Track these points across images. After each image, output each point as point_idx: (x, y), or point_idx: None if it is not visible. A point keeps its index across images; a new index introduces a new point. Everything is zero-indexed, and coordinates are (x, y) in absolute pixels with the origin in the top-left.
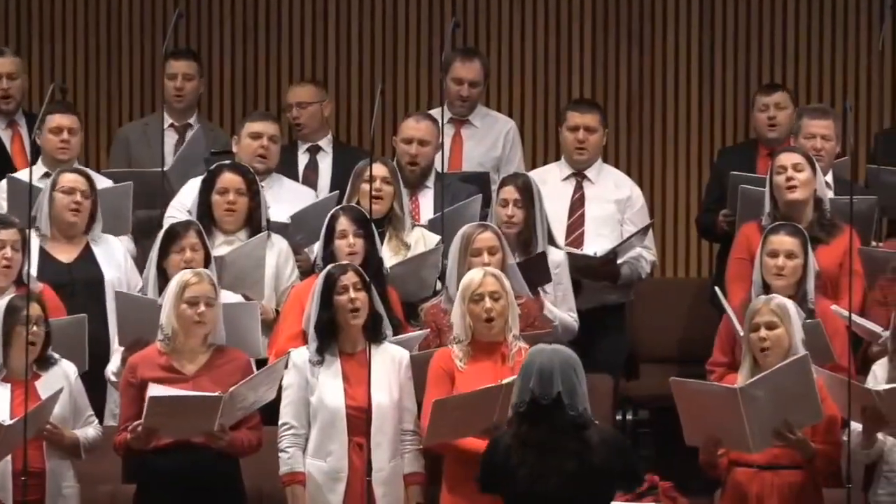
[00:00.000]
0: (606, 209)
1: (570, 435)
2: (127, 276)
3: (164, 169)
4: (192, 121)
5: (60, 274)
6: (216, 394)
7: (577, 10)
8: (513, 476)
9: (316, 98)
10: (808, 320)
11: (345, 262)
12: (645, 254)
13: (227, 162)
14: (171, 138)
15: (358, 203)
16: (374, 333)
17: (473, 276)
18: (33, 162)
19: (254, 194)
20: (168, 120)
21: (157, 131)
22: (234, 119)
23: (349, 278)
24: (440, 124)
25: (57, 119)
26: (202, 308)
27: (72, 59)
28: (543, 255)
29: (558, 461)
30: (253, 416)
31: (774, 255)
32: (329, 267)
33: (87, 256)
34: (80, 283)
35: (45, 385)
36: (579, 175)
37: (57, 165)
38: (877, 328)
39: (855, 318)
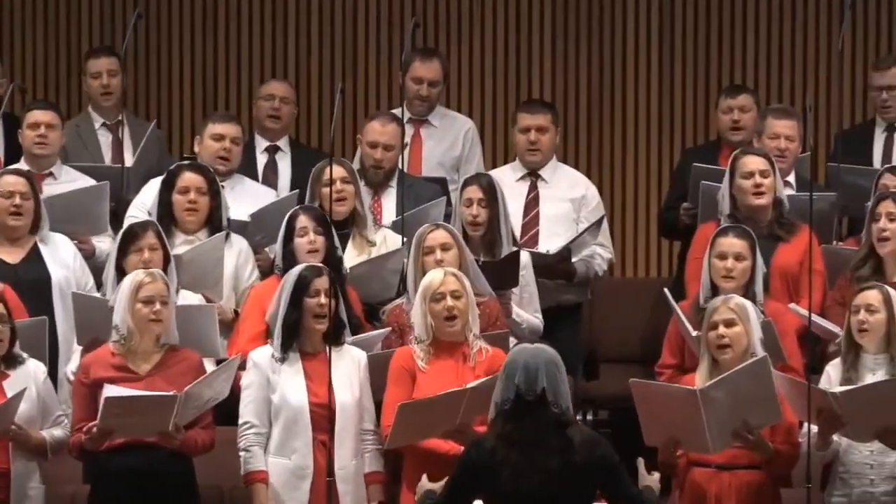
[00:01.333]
0: (561, 208)
1: (554, 432)
2: (76, 276)
3: (126, 166)
4: (122, 117)
5: (6, 275)
6: (172, 393)
7: (536, 10)
8: (496, 476)
9: (293, 98)
10: (760, 320)
11: (313, 262)
12: (601, 251)
13: (187, 161)
14: (105, 137)
15: (320, 206)
16: (333, 338)
17: (434, 275)
18: (16, 161)
19: (214, 194)
20: (99, 119)
21: (90, 132)
22: (194, 119)
23: (322, 283)
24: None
25: (35, 115)
26: (157, 307)
27: (31, 61)
28: (516, 254)
29: (542, 459)
30: (205, 415)
31: (723, 257)
32: (304, 267)
33: (34, 257)
34: (27, 284)
35: (13, 385)
36: (534, 175)
37: (36, 162)
38: (835, 328)
39: (813, 317)
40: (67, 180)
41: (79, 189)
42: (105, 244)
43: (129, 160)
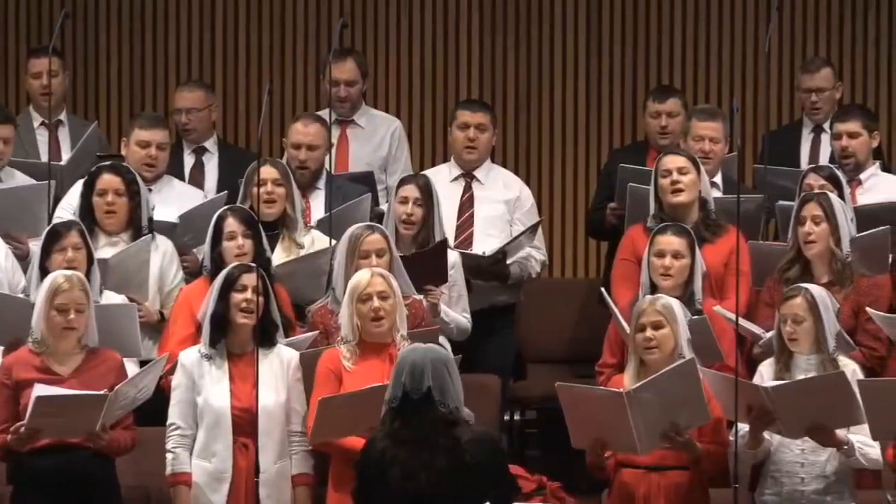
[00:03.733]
0: (496, 209)
1: (441, 431)
2: (7, 277)
3: (61, 163)
4: (62, 117)
5: None
6: (102, 392)
7: (464, 10)
8: (385, 475)
9: (205, 103)
10: (696, 317)
11: (245, 263)
12: (534, 253)
13: (107, 163)
14: (43, 136)
15: (251, 207)
16: (264, 339)
17: (361, 276)
18: None
19: (133, 194)
20: (38, 118)
21: (29, 130)
22: (122, 119)
23: (250, 280)
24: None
25: None
26: (71, 315)
27: None
28: (443, 245)
29: (429, 457)
30: (127, 416)
31: (661, 255)
32: (234, 265)
33: None
34: None
35: None
36: (468, 176)
37: None
38: (759, 330)
39: (738, 319)
40: (5, 177)
41: (18, 187)
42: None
43: (66, 160)
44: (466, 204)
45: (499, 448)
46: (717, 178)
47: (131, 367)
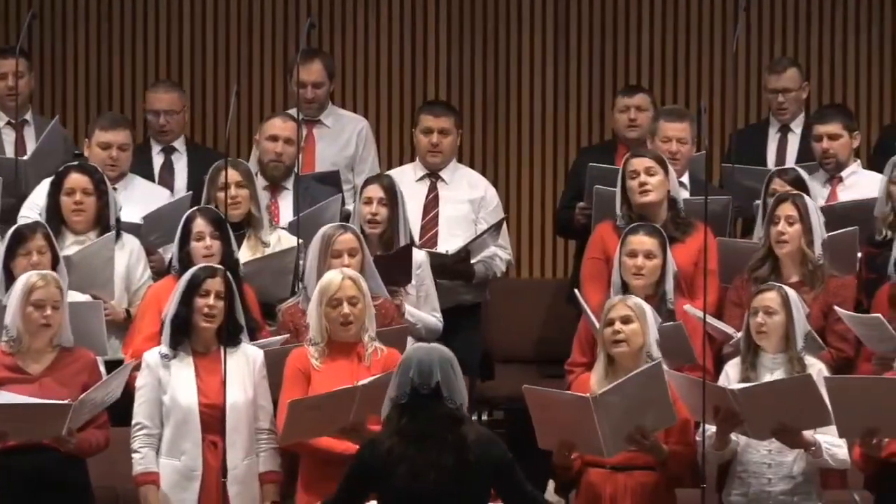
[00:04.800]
0: (460, 209)
1: (449, 427)
2: None
3: (25, 158)
4: (27, 117)
5: None
6: (65, 402)
7: (432, 10)
8: (392, 473)
9: (181, 105)
10: (670, 322)
11: (212, 265)
12: (500, 252)
13: (74, 162)
14: (9, 136)
15: (216, 209)
16: (228, 340)
17: (332, 279)
18: None
19: (101, 194)
20: (3, 118)
21: None
22: (89, 119)
23: (214, 284)
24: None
25: None
26: (48, 311)
27: None
28: (408, 248)
29: (437, 455)
30: (100, 415)
31: (633, 255)
32: (200, 267)
33: None
34: None
35: None
36: (433, 175)
37: None
38: (729, 329)
39: (708, 318)
40: None
41: None
42: None
43: (29, 153)
44: (431, 203)
45: (503, 449)
46: (685, 178)
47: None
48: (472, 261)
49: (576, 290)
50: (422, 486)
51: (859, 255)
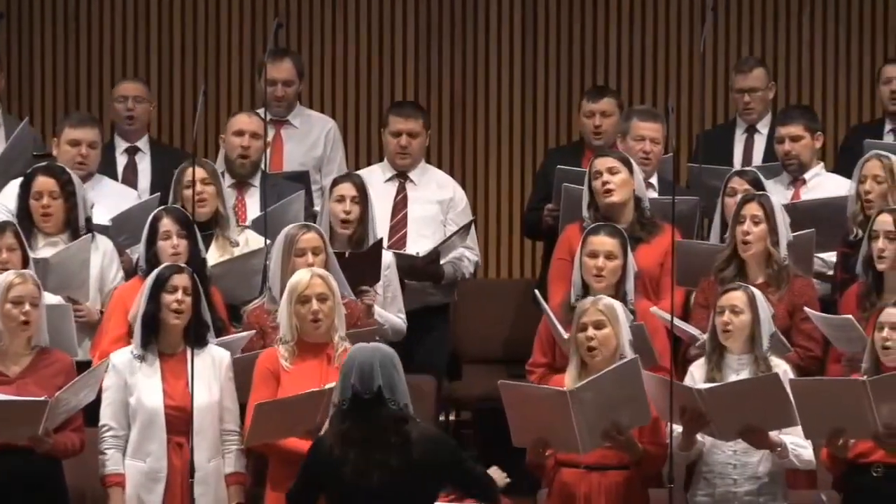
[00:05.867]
0: (429, 210)
1: (392, 429)
2: None
3: None
4: None
5: None
6: (42, 398)
7: (400, 10)
8: (337, 473)
9: (148, 96)
10: (631, 323)
11: (176, 263)
12: (468, 254)
13: (42, 164)
14: None
15: (182, 207)
16: (195, 339)
17: (301, 276)
18: None
19: (69, 195)
20: None
21: None
22: (56, 118)
23: (180, 280)
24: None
25: None
26: (27, 307)
27: None
28: (378, 245)
29: (381, 456)
30: (76, 417)
31: (594, 255)
32: (164, 265)
33: None
34: None
35: None
36: (402, 176)
37: None
38: (695, 331)
39: (674, 319)
40: None
41: None
42: None
43: None
44: (400, 204)
45: (450, 444)
46: (654, 179)
47: None
48: (441, 262)
49: (536, 292)
50: (366, 486)
51: (833, 256)
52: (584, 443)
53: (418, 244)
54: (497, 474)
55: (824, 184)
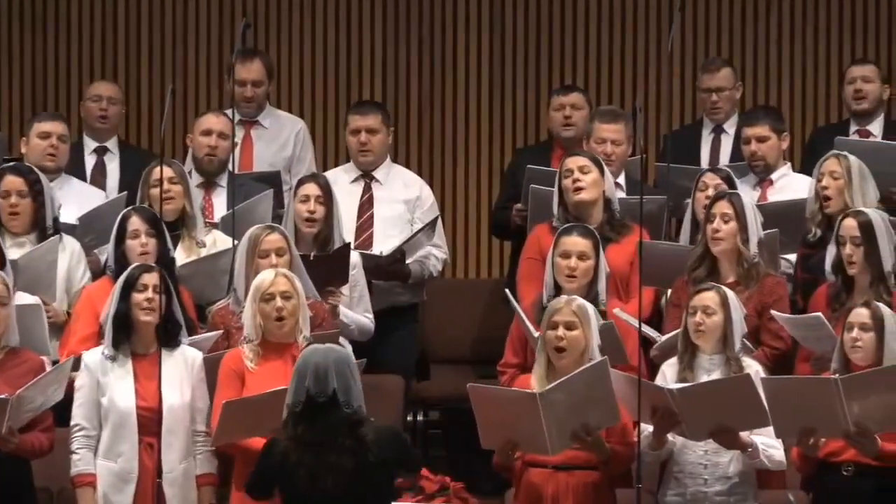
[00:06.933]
0: (395, 210)
1: (346, 432)
2: None
3: None
4: None
5: None
6: (3, 396)
7: (367, 11)
8: (292, 477)
9: (121, 98)
10: (603, 322)
11: (148, 263)
12: (435, 252)
13: (9, 164)
14: None
15: (150, 207)
16: (167, 338)
17: (265, 276)
18: None
19: (36, 194)
20: None
21: None
22: (23, 119)
23: (150, 279)
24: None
25: None
26: None
27: None
28: (346, 248)
29: (335, 459)
30: (45, 417)
31: (566, 256)
32: (134, 265)
33: None
34: None
35: None
36: (367, 176)
37: None
38: (653, 333)
39: (631, 320)
40: None
41: None
42: None
43: None
44: (366, 204)
45: (401, 437)
46: (621, 179)
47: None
48: (407, 261)
49: (507, 291)
50: (320, 489)
51: (794, 256)
52: (553, 444)
53: (385, 244)
54: None
55: (791, 184)
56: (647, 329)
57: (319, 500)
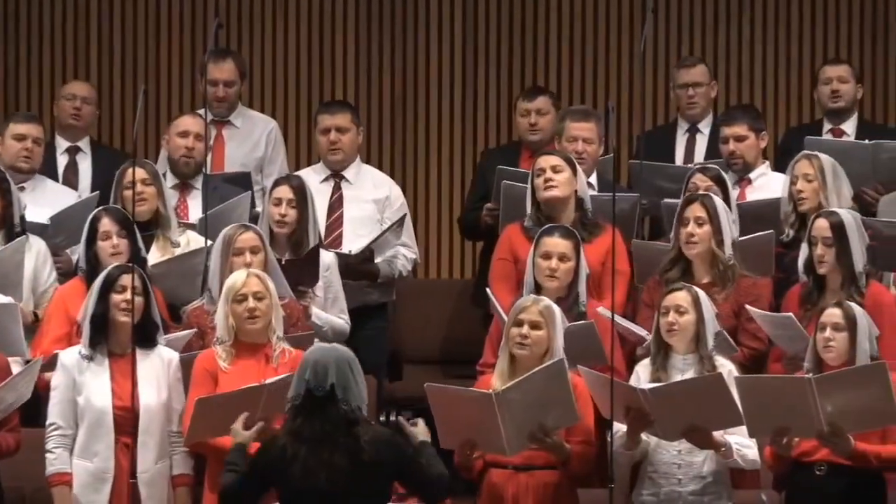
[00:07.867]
0: (365, 209)
1: (342, 430)
2: None
3: None
4: None
5: None
6: None
7: (340, 12)
8: (286, 472)
9: (95, 99)
10: (582, 321)
11: (123, 263)
12: (404, 251)
13: None
14: None
15: (122, 208)
16: (144, 338)
17: (237, 276)
18: None
19: (4, 193)
20: None
21: None
22: None
23: (129, 280)
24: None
25: None
26: None
27: None
28: (316, 250)
29: (329, 456)
30: (11, 417)
31: (547, 256)
32: (113, 266)
33: None
34: None
35: None
36: (337, 176)
37: None
38: (642, 332)
39: (618, 319)
40: None
41: None
42: None
43: None
44: (336, 204)
45: (401, 447)
46: (593, 178)
47: (16, 368)
48: (376, 260)
49: (488, 290)
50: (314, 485)
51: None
52: (511, 444)
53: (354, 244)
54: (422, 427)
55: (770, 183)
56: (634, 327)
57: (312, 496)
